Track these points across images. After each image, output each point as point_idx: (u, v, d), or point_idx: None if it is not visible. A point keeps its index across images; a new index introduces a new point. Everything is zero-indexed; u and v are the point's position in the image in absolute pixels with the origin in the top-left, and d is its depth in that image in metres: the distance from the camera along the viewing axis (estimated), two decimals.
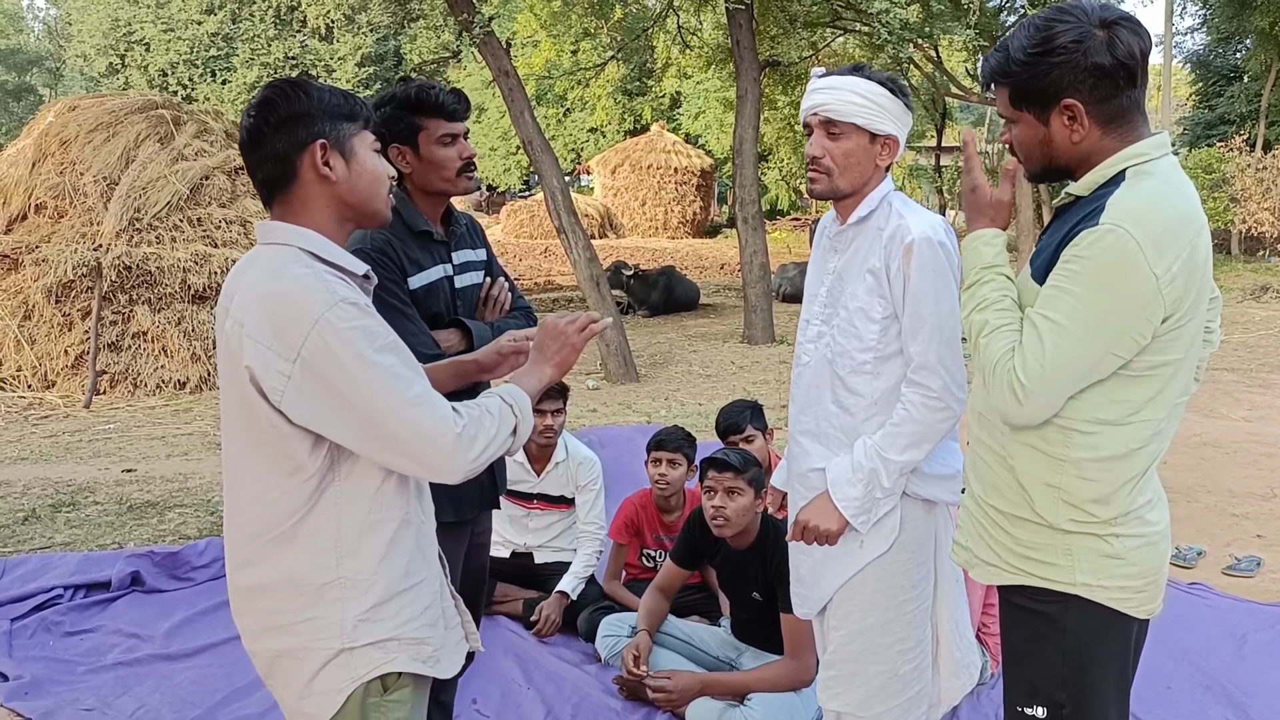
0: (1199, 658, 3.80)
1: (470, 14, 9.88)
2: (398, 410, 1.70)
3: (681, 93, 32.06)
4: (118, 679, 3.69)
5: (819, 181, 2.45)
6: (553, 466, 4.34)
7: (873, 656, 2.48)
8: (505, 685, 3.62)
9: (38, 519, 5.40)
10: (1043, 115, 1.90)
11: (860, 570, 2.46)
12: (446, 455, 1.72)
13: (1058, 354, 1.80)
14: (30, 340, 9.51)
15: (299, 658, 1.81)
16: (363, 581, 1.80)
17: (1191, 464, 6.40)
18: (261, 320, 1.69)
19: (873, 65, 13.96)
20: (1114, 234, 1.75)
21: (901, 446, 2.36)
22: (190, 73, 38.47)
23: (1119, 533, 1.90)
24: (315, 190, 1.82)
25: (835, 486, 2.43)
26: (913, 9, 12.92)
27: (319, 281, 1.71)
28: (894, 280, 2.37)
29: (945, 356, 2.34)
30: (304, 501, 1.77)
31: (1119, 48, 1.82)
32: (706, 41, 16.71)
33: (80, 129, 10.22)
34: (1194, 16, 25.18)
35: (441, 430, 1.71)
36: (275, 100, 1.81)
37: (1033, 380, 1.82)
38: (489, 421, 1.80)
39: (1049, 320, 1.81)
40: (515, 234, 27.54)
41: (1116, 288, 1.76)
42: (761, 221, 12.51)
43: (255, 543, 1.81)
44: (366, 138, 1.87)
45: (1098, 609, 1.91)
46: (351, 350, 1.68)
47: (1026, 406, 1.84)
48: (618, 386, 9.74)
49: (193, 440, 7.62)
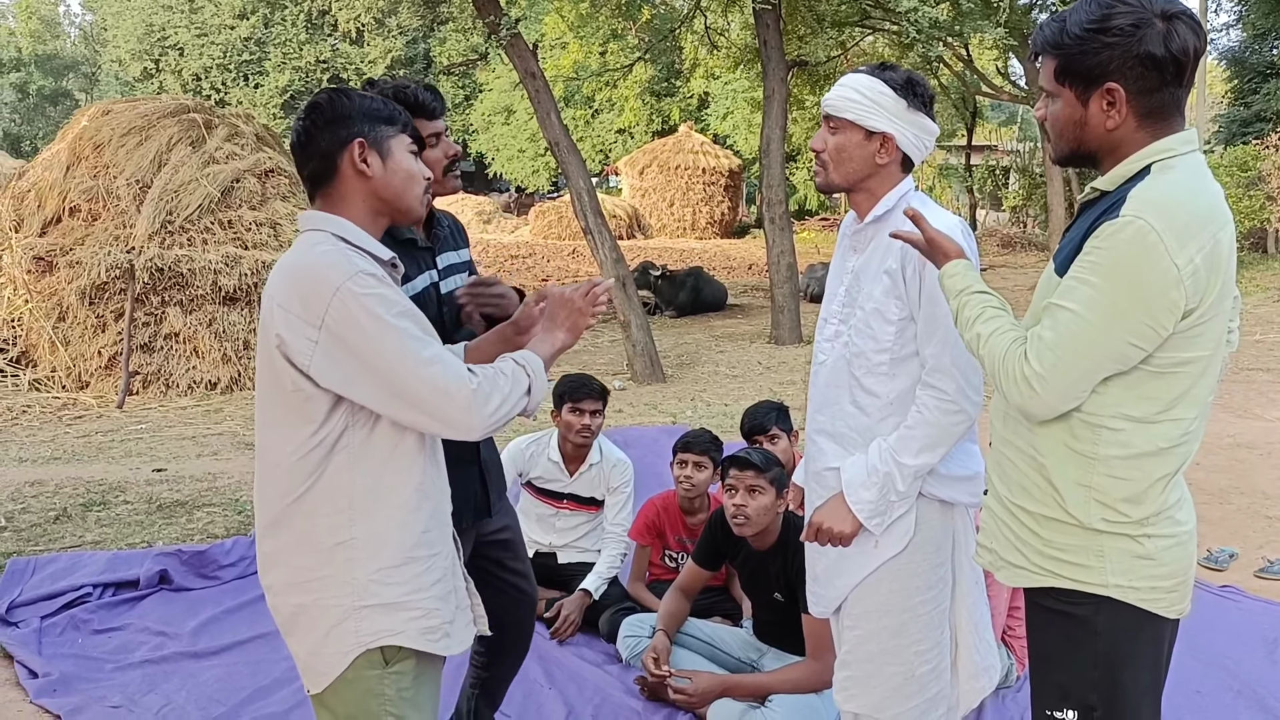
0: (1230, 662, 3.74)
1: (497, 16, 9.91)
2: (416, 369, 1.84)
3: (709, 93, 32.03)
4: (144, 676, 3.73)
5: (819, 174, 2.52)
6: (586, 468, 4.34)
7: (889, 657, 2.46)
8: (527, 685, 3.63)
9: (69, 518, 5.47)
10: (1084, 95, 1.88)
11: (875, 570, 2.45)
12: (463, 409, 1.86)
13: (1074, 341, 1.79)
14: (65, 341, 9.64)
15: (314, 614, 1.94)
16: (374, 543, 1.93)
17: (1225, 465, 6.31)
18: (289, 291, 1.87)
19: (901, 64, 13.87)
20: (1134, 225, 1.74)
21: (915, 450, 2.35)
22: (223, 77, 38.89)
23: (1150, 533, 1.88)
24: (354, 185, 2.00)
25: (850, 489, 2.43)
26: (942, 7, 12.82)
27: (340, 255, 1.89)
28: (910, 281, 2.37)
29: (960, 359, 2.34)
30: (319, 463, 1.91)
31: (1175, 41, 1.80)
32: (734, 42, 16.68)
33: (113, 133, 10.34)
34: (1229, 13, 24.90)
35: (457, 386, 1.85)
36: (321, 104, 2.02)
37: (1047, 367, 1.81)
38: (503, 380, 1.93)
39: (1066, 309, 1.81)
40: (543, 235, 27.58)
41: (1136, 277, 1.75)
42: (789, 221, 12.47)
43: (280, 504, 1.95)
44: (403, 140, 2.05)
45: (1129, 610, 1.89)
46: (370, 314, 1.83)
47: (1044, 394, 1.82)
48: (644, 387, 9.73)
49: (222, 440, 7.70)
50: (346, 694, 1.95)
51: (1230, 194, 19.66)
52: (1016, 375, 1.85)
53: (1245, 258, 19.29)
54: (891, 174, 2.46)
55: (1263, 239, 20.50)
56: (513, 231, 29.33)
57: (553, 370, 2.31)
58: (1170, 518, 1.89)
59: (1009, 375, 1.87)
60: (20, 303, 9.82)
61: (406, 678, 1.97)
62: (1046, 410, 1.86)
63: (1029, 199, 26.56)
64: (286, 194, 10.72)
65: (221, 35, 38.43)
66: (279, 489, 1.95)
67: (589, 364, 10.90)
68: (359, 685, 1.94)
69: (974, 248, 2.41)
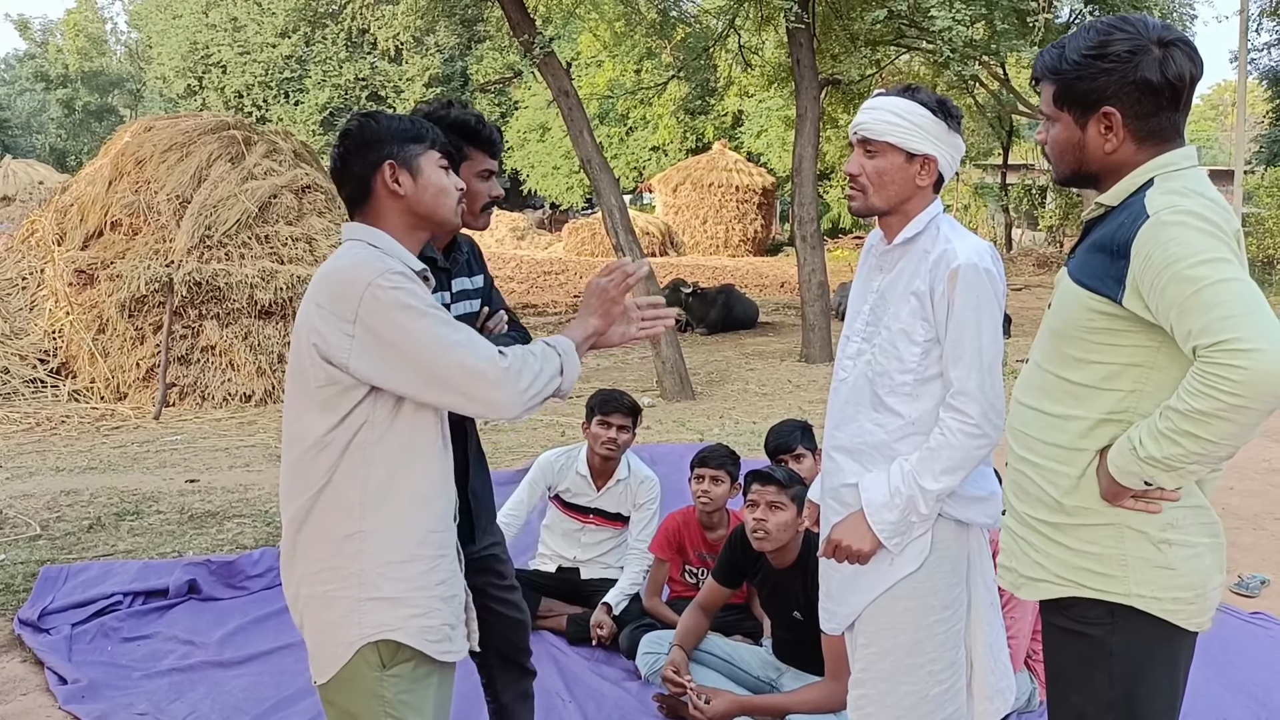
0: (1258, 689, 3.69)
1: (531, 35, 10.02)
2: (447, 353, 1.94)
3: (743, 111, 32.08)
4: (171, 685, 3.78)
5: (856, 198, 2.49)
6: (614, 483, 4.36)
7: (903, 676, 2.46)
8: (547, 700, 3.64)
9: (102, 527, 5.56)
10: (1081, 119, 1.92)
11: (890, 588, 2.45)
12: (497, 386, 1.95)
13: (1241, 299, 1.71)
14: (104, 353, 9.81)
15: (324, 604, 2.03)
16: (384, 537, 2.01)
17: (1260, 490, 6.21)
18: (325, 291, 1.98)
19: (937, 84, 13.85)
20: (1169, 214, 1.77)
21: (937, 473, 2.35)
22: (265, 94, 39.47)
23: (1171, 539, 1.88)
24: (388, 204, 2.10)
25: (871, 509, 2.42)
26: (977, 27, 12.79)
27: (371, 255, 2.01)
28: (938, 304, 2.37)
29: (985, 384, 2.34)
30: (336, 457, 1.99)
31: (1171, 68, 1.84)
32: (768, 60, 16.73)
33: (155, 149, 10.54)
34: (1270, 32, 24.59)
35: (488, 365, 1.95)
36: (352, 131, 2.13)
37: (1256, 332, 1.67)
38: (533, 359, 2.02)
39: (1204, 290, 1.71)
40: (577, 252, 27.73)
41: (1213, 238, 1.75)
42: (820, 240, 12.46)
43: (300, 499, 2.04)
44: (433, 156, 2.14)
45: (1147, 625, 1.89)
46: (400, 305, 1.93)
47: (1269, 350, 1.66)
48: (673, 404, 9.74)
49: (254, 452, 7.80)
50: (348, 691, 2.03)
51: (1271, 215, 19.41)
52: (1233, 374, 1.67)
53: None
54: (927, 195, 2.47)
55: None
56: (546, 248, 29.51)
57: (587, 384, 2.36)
58: (1194, 523, 1.90)
59: (1227, 386, 1.68)
60: (61, 314, 10.01)
61: (405, 680, 2.03)
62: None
63: (1066, 218, 26.36)
64: (322, 210, 10.87)
65: (263, 53, 39.03)
66: (300, 485, 2.03)
67: (619, 380, 10.94)
68: (359, 684, 2.02)
69: (1001, 273, 2.42)
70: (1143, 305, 1.80)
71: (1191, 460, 1.76)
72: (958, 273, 2.34)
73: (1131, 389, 1.88)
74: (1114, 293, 1.84)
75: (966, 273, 2.34)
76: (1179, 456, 1.75)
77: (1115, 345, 1.88)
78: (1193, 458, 1.75)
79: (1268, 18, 23.22)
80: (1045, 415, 1.98)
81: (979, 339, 2.34)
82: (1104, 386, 1.90)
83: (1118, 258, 1.82)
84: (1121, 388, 1.89)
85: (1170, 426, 1.75)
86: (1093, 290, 1.88)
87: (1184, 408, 1.72)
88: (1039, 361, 2.03)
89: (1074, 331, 1.93)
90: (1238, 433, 1.71)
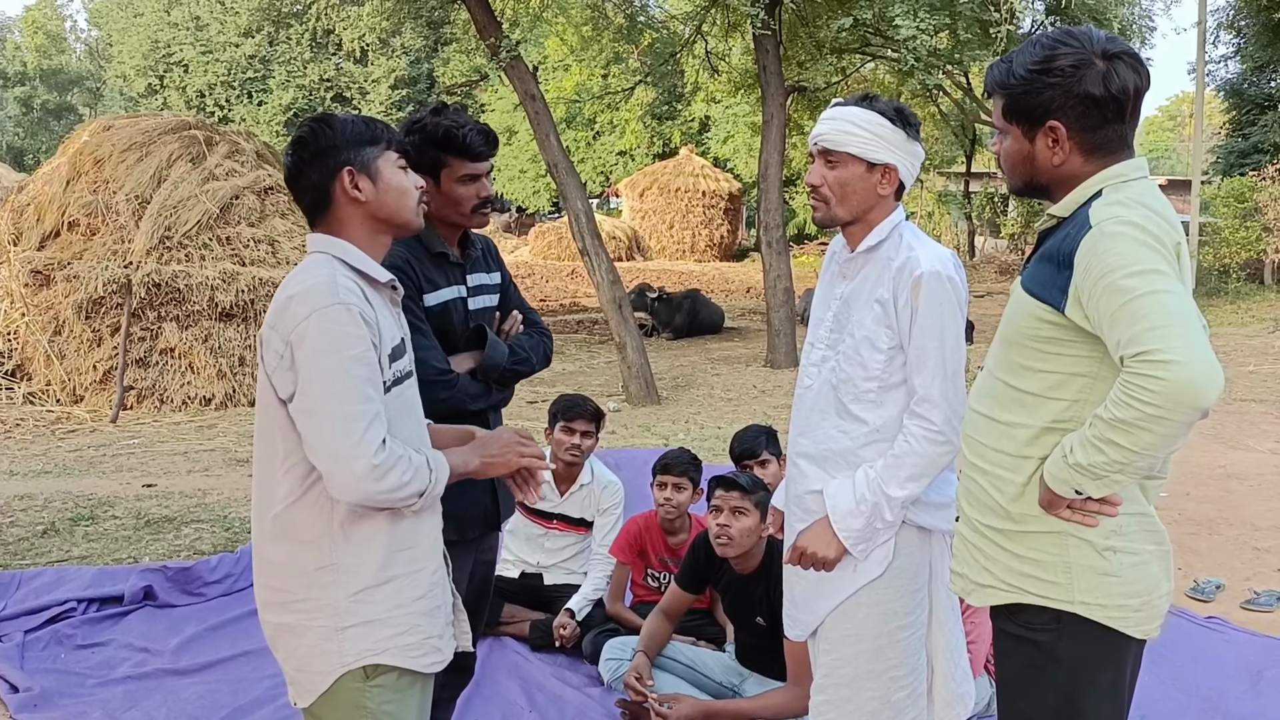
0: (1213, 693, 3.73)
1: (498, 38, 9.99)
2: (335, 417, 1.87)
3: (710, 117, 32.18)
4: (126, 693, 3.72)
5: (819, 209, 2.52)
6: (577, 488, 4.34)
7: (865, 682, 2.48)
8: (507, 708, 3.62)
9: (56, 532, 5.47)
10: (1030, 132, 1.96)
11: (853, 595, 2.47)
12: (355, 476, 1.87)
13: (1167, 309, 1.72)
14: (60, 355, 9.66)
15: (298, 633, 1.99)
16: (356, 565, 1.97)
17: (1215, 496, 6.30)
18: (277, 305, 1.95)
19: (901, 92, 14.01)
20: (1110, 224, 1.79)
21: (902, 479, 2.37)
22: (227, 94, 39.06)
23: (1116, 546, 1.90)
24: (349, 211, 2.05)
25: (836, 515, 2.44)
26: (941, 36, 12.90)
27: (330, 283, 1.93)
28: (901, 312, 2.40)
29: (948, 391, 2.37)
30: (298, 483, 1.95)
31: (1114, 81, 1.87)
32: (735, 67, 16.78)
33: (114, 148, 10.40)
34: (1227, 45, 24.98)
35: (360, 452, 1.87)
36: (305, 139, 2.06)
37: (1178, 344, 1.69)
38: (405, 467, 1.92)
39: (1132, 300, 1.73)
40: (543, 255, 27.67)
41: (1151, 249, 1.77)
42: (786, 246, 12.52)
43: (266, 517, 2.00)
44: (390, 157, 2.08)
45: (1093, 632, 1.91)
46: (325, 345, 1.88)
47: (1189, 364, 1.67)
48: (639, 409, 9.74)
49: (214, 456, 7.70)
50: (329, 705, 2.01)
51: (1227, 225, 19.74)
52: (1152, 384, 1.68)
53: (1241, 288, 19.34)
54: (889, 203, 2.50)
55: (1259, 270, 20.55)
56: (513, 251, 29.41)
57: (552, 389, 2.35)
58: (1138, 530, 1.92)
59: (1146, 396, 1.69)
60: (17, 316, 9.84)
61: (389, 691, 2.01)
62: (1212, 378, 1.68)
63: (1027, 227, 26.63)
64: (285, 211, 10.77)
65: (226, 53, 38.64)
66: (268, 501, 2.00)
67: (584, 385, 10.92)
68: (343, 698, 2.00)
69: (963, 280, 2.45)
70: (1083, 315, 1.83)
71: (1115, 469, 1.78)
72: (921, 280, 2.37)
73: (1075, 398, 1.90)
74: (1058, 302, 1.87)
75: (929, 280, 2.36)
76: (1104, 465, 1.78)
77: (1060, 354, 1.90)
78: (1115, 466, 1.77)
79: (1225, 31, 23.63)
80: (994, 422, 2.00)
81: (942, 346, 2.37)
82: (1049, 395, 1.92)
83: (1062, 268, 1.85)
84: (1066, 397, 1.91)
85: (1096, 435, 1.77)
86: (1040, 299, 1.91)
87: (1108, 416, 1.75)
88: (991, 368, 2.06)
89: (1022, 339, 1.96)
90: (1157, 443, 1.74)
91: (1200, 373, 1.67)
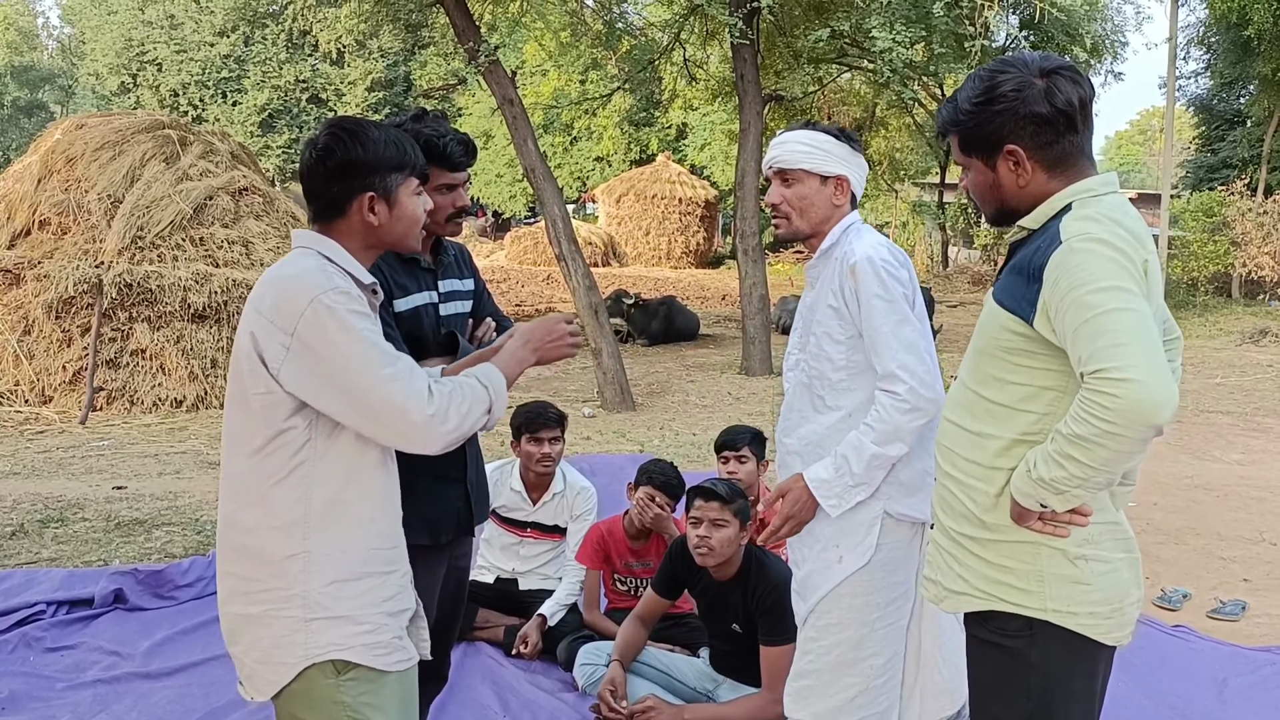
0: (1180, 701, 3.78)
1: (476, 42, 9.98)
2: (378, 385, 1.89)
3: (687, 124, 32.24)
4: (96, 696, 3.69)
5: (781, 225, 2.70)
6: (550, 496, 4.34)
7: (847, 669, 2.61)
8: (481, 713, 3.61)
9: (25, 534, 5.41)
10: (989, 161, 2.01)
11: (838, 584, 2.60)
12: (420, 427, 1.91)
13: (1128, 328, 1.75)
14: (29, 355, 9.54)
15: (263, 624, 1.98)
16: (330, 556, 1.97)
17: (1181, 506, 6.39)
18: (268, 298, 1.94)
19: (877, 102, 14.28)
20: (1079, 241, 1.82)
21: (872, 440, 2.51)
22: (201, 93, 38.69)
23: (1087, 554, 1.93)
24: (358, 228, 2.07)
25: (809, 471, 2.59)
26: (917, 48, 13.02)
27: (320, 271, 1.96)
28: (850, 302, 2.57)
29: (907, 361, 2.50)
30: (277, 469, 1.95)
31: (1058, 96, 1.92)
32: (712, 74, 16.86)
33: (87, 147, 10.30)
34: (1198, 61, 25.35)
35: (415, 403, 1.90)
36: (333, 148, 2.04)
37: (1136, 363, 1.72)
38: (459, 398, 1.97)
39: (1095, 318, 1.76)
40: (519, 260, 27.63)
41: (1118, 266, 1.80)
42: (762, 254, 12.57)
43: (234, 504, 2.00)
44: (411, 183, 2.11)
45: (1065, 638, 1.95)
46: (341, 327, 1.89)
47: (1148, 382, 1.71)
48: (613, 415, 9.74)
49: (185, 459, 7.64)
50: (305, 702, 1.99)
51: (1196, 239, 20.02)
52: (1108, 402, 1.72)
53: (1210, 302, 19.61)
54: (844, 213, 2.69)
55: (1227, 283, 20.85)
56: (488, 256, 29.36)
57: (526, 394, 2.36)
58: (1110, 539, 1.96)
59: (1102, 413, 1.73)
60: None
61: (363, 683, 2.00)
62: (1167, 398, 1.71)
63: (1000, 237, 26.87)
64: (260, 213, 10.70)
65: (201, 52, 38.28)
66: (238, 489, 2.00)
67: (559, 390, 10.92)
68: (317, 694, 1.98)
69: (900, 259, 2.60)
70: (1050, 329, 1.86)
71: (1074, 484, 1.82)
72: (855, 268, 2.55)
73: (1045, 412, 1.93)
74: (1027, 315, 1.90)
75: (862, 266, 2.54)
76: (1063, 479, 1.81)
77: (1030, 367, 1.94)
78: (1074, 481, 1.81)
79: (1196, 47, 23.96)
80: (967, 432, 2.04)
81: (888, 323, 2.51)
82: (1020, 407, 1.96)
83: (1032, 281, 1.89)
84: (1036, 410, 1.94)
85: (1057, 449, 1.81)
86: (1011, 311, 1.95)
87: (1067, 431, 1.79)
88: (964, 379, 2.09)
89: (994, 351, 1.99)
90: (1113, 459, 1.77)
91: (1155, 392, 1.70)
